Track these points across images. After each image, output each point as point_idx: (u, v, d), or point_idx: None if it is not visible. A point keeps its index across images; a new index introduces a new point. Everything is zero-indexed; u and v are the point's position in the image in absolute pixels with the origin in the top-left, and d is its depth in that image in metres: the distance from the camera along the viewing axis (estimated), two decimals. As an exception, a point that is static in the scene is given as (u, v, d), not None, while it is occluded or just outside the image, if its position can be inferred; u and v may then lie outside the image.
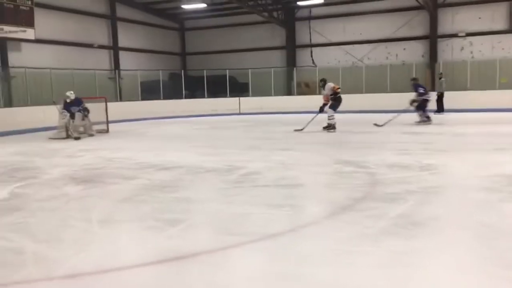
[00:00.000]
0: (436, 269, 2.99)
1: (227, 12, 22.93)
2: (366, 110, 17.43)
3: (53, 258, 3.41)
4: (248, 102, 20.48)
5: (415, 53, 20.67)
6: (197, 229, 4.08)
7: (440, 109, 16.82)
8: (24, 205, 5.09)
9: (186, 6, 21.05)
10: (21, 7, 15.01)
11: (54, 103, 12.52)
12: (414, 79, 13.98)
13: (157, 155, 8.59)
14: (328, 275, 2.95)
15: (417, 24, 20.50)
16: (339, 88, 12.12)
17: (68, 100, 12.00)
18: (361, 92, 19.55)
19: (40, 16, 15.80)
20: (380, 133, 11.22)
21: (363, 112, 17.25)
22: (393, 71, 19.79)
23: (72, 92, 12.15)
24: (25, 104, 15.08)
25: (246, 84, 21.96)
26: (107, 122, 13.30)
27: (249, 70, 21.49)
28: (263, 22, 22.33)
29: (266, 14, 20.96)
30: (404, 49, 20.87)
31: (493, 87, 17.99)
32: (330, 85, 12.04)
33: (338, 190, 5.42)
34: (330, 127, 11.83)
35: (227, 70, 21.47)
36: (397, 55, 21.01)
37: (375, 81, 19.73)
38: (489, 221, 3.93)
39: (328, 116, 11.90)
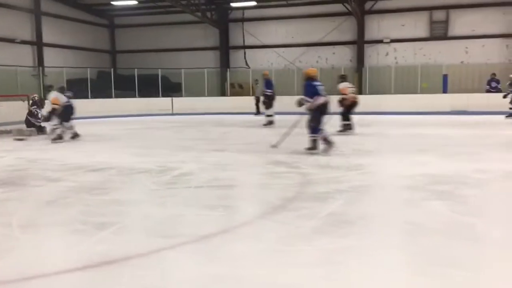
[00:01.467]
0: (367, 267, 3.10)
1: (159, 10, 22.50)
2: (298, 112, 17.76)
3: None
4: (181, 103, 20.23)
5: (343, 57, 21.44)
6: (128, 232, 3.95)
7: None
8: None
9: (116, 3, 20.41)
10: None
11: None
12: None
13: (86, 156, 8.25)
14: (262, 275, 2.97)
15: (346, 29, 21.28)
16: None
17: None
18: (294, 94, 19.92)
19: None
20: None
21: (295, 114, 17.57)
22: (323, 75, 20.34)
23: None
24: None
25: (179, 84, 21.69)
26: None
27: (182, 70, 21.25)
28: (196, 22, 22.16)
29: (199, 14, 20.82)
30: (334, 53, 21.59)
31: (415, 91, 19.06)
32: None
33: (271, 190, 5.49)
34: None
35: (159, 70, 21.08)
36: (327, 59, 21.68)
37: (306, 83, 20.16)
38: (415, 219, 4.14)
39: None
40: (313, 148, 8.03)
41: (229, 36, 23.06)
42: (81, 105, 16.09)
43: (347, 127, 11.10)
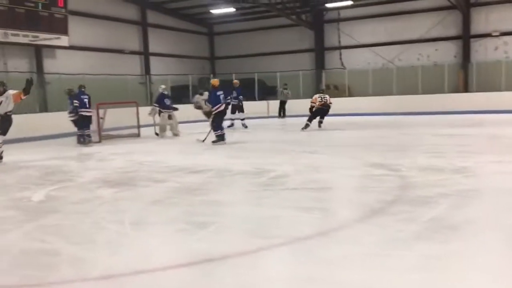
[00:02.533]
0: (471, 274, 2.92)
1: (255, 16, 23.02)
2: (397, 112, 17.15)
3: (88, 259, 3.49)
4: (276, 105, 20.44)
5: (447, 53, 20.25)
6: (226, 232, 4.09)
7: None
8: (59, 208, 5.23)
9: (214, 11, 21.24)
10: (55, 15, 15.49)
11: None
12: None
13: (187, 158, 8.69)
14: (359, 279, 2.92)
15: (449, 24, 20.09)
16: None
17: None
18: (392, 94, 19.27)
19: (73, 24, 16.26)
20: (411, 135, 11.05)
21: (394, 115, 16.98)
22: (424, 73, 19.44)
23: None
24: (60, 109, 15.48)
25: (275, 88, 21.97)
26: (138, 126, 13.52)
27: (278, 73, 21.48)
28: (291, 25, 22.32)
29: (294, 17, 20.94)
30: (436, 49, 20.46)
31: (529, 88, 17.46)
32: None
33: (369, 193, 5.35)
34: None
35: (256, 74, 21.52)
36: (428, 56, 20.62)
37: (406, 82, 19.41)
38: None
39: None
40: (218, 140, 10.38)
41: (324, 37, 22.90)
42: (184, 110, 17.02)
43: (306, 126, 13.13)
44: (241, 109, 15.36)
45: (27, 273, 3.25)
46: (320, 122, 13.52)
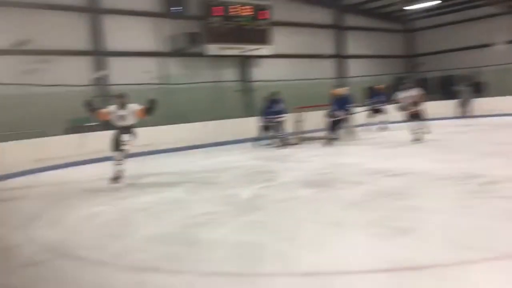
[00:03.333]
0: None
1: (457, 8, 21.19)
2: None
3: (292, 255, 3.71)
4: (481, 103, 18.35)
5: None
6: (430, 240, 3.87)
7: None
8: (264, 205, 5.67)
9: (413, 7, 20.25)
10: (261, 27, 16.85)
11: None
12: None
13: (386, 160, 8.49)
14: None
15: None
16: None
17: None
18: None
19: (276, 33, 17.41)
20: None
21: None
22: None
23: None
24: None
25: (480, 84, 19.79)
26: (336, 129, 13.71)
27: (483, 68, 19.30)
28: (498, 14, 19.88)
29: (504, 4, 18.59)
30: None
31: None
32: None
33: None
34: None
35: (457, 70, 19.79)
36: None
37: None
38: None
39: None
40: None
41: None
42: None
43: None
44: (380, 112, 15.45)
45: (240, 263, 3.62)
46: None
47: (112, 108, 7.94)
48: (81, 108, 8.00)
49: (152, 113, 7.77)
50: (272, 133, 12.81)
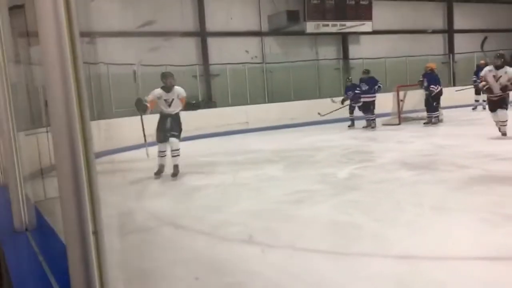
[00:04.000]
0: None
1: None
2: None
3: (388, 237, 3.63)
4: None
5: None
6: (543, 230, 3.57)
7: None
8: (361, 185, 5.58)
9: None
10: (361, 2, 16.29)
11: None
12: None
13: (494, 143, 7.87)
14: None
15: None
16: None
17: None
18: None
19: (376, 9, 16.73)
20: None
21: None
22: None
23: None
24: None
25: None
26: (438, 108, 12.96)
27: None
28: None
29: None
30: None
31: None
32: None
33: None
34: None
35: None
36: None
37: None
38: None
39: None
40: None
41: None
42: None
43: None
44: None
45: (335, 242, 3.63)
46: None
47: (157, 92, 6.72)
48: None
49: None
50: (361, 114, 12.22)
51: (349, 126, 12.41)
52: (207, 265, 3.34)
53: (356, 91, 12.02)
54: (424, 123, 11.43)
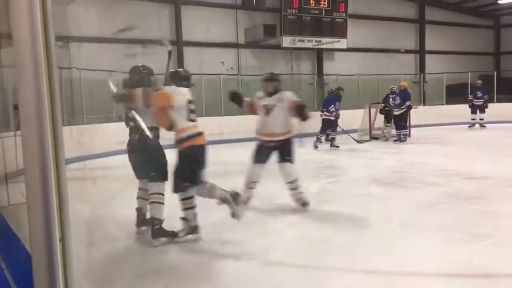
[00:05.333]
0: None
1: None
2: None
3: (356, 252, 3.65)
4: None
5: None
6: (506, 248, 3.66)
7: None
8: (332, 200, 5.62)
9: (502, 1, 18.99)
10: (336, 20, 16.60)
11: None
12: None
13: (463, 163, 8.08)
14: None
15: None
16: None
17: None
18: None
19: (351, 27, 17.07)
20: None
21: None
22: None
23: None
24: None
25: None
26: (410, 127, 13.26)
27: None
28: None
29: None
30: None
31: None
32: None
33: None
34: None
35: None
36: None
37: None
38: None
39: None
40: None
41: None
42: (459, 110, 15.90)
43: None
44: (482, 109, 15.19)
45: (305, 256, 3.63)
46: None
47: (259, 94, 5.36)
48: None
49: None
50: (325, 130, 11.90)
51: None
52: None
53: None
54: (394, 141, 11.65)
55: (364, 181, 6.71)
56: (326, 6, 16.36)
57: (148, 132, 4.04)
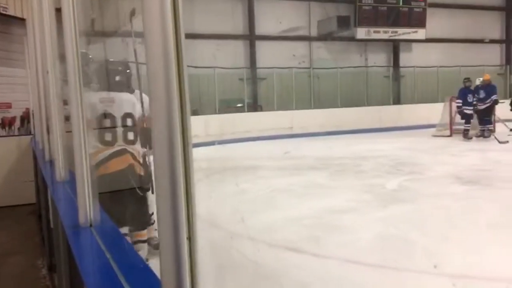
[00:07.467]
0: None
1: None
2: None
3: (440, 254, 3.47)
4: None
5: None
6: None
7: None
8: (411, 198, 5.39)
9: None
10: (415, 9, 15.91)
11: None
12: None
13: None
14: None
15: None
16: None
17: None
18: None
19: (431, 16, 16.27)
20: None
21: None
22: None
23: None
24: (412, 101, 15.88)
25: None
26: (494, 122, 12.40)
27: None
28: None
29: None
30: None
31: None
32: None
33: None
34: None
35: None
36: None
37: None
38: None
39: None
40: None
41: None
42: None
43: None
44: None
45: (385, 256, 3.49)
46: None
47: None
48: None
49: None
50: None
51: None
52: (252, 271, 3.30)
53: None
54: (476, 136, 10.98)
55: (446, 179, 6.36)
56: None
57: None
